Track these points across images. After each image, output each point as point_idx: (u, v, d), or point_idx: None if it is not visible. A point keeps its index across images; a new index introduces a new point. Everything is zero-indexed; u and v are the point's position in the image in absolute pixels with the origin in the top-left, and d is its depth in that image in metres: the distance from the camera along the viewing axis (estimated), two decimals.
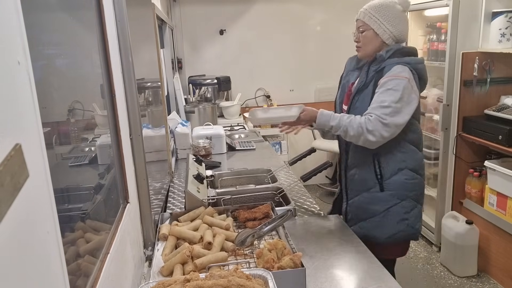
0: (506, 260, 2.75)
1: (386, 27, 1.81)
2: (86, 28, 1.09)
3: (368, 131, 1.69)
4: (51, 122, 0.80)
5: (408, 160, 1.82)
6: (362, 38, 1.86)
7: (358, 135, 1.71)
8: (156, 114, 2.13)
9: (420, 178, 1.88)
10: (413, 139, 1.84)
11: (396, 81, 1.72)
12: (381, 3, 1.83)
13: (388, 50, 1.80)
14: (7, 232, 0.50)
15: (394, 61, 1.78)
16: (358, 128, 1.70)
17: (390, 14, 1.81)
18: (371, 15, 1.83)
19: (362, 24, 1.86)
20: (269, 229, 1.41)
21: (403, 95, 1.71)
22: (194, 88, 4.03)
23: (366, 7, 1.87)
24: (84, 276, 0.85)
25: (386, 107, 1.70)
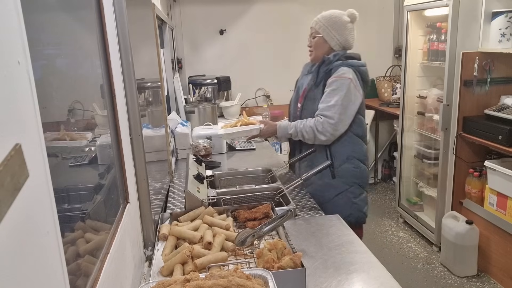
0: (506, 260, 2.75)
1: (334, 34, 2.11)
2: (86, 28, 1.09)
3: (319, 132, 2.01)
4: (51, 122, 0.80)
5: (355, 151, 2.10)
6: (314, 43, 2.17)
7: (312, 137, 2.04)
8: (156, 114, 2.13)
9: (365, 167, 2.15)
10: (358, 132, 2.11)
11: (340, 82, 2.01)
12: (331, 14, 2.14)
13: (335, 54, 2.10)
14: (7, 232, 0.50)
15: (340, 63, 2.06)
16: (310, 131, 2.03)
17: (338, 23, 2.11)
18: (322, 24, 2.13)
19: (314, 31, 2.17)
20: (269, 229, 1.41)
21: (347, 94, 2.00)
22: (194, 88, 4.03)
23: (319, 16, 2.16)
24: (84, 276, 0.85)
25: (332, 106, 2.00)
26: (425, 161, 3.58)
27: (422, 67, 3.60)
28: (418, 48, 3.57)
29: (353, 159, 2.10)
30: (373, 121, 4.61)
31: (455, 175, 3.11)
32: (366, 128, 2.16)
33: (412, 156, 3.78)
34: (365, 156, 2.16)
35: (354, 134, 2.10)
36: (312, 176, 1.95)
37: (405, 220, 3.83)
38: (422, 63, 3.56)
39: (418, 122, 3.64)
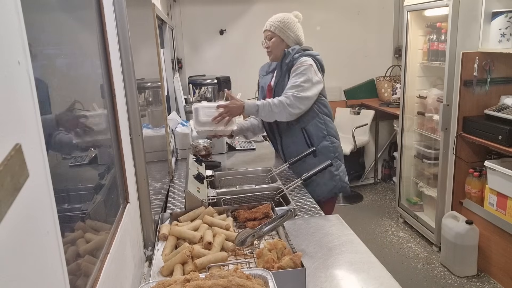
0: (506, 260, 2.75)
1: (289, 33, 2.36)
2: (86, 28, 1.09)
3: (288, 105, 2.18)
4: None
5: (327, 128, 2.36)
6: (271, 44, 2.37)
7: (281, 111, 2.19)
8: (156, 114, 2.13)
9: (338, 142, 2.42)
10: (326, 112, 2.38)
11: (302, 67, 2.24)
12: (282, 15, 2.39)
13: (293, 48, 2.34)
14: (7, 232, 0.50)
15: (299, 55, 2.30)
16: (279, 104, 2.18)
17: (290, 23, 2.38)
18: (277, 25, 2.36)
19: (269, 33, 2.38)
20: (269, 229, 1.41)
21: (310, 76, 2.23)
22: (194, 88, 4.03)
23: (272, 19, 2.39)
24: (84, 276, 0.85)
25: (297, 86, 2.21)
26: (425, 161, 3.58)
27: (422, 67, 3.60)
28: (418, 48, 3.57)
29: (328, 136, 2.37)
30: (373, 121, 4.61)
31: (455, 175, 3.11)
32: (331, 108, 2.43)
33: (412, 156, 3.78)
34: (336, 132, 2.44)
35: (323, 114, 2.36)
36: (312, 176, 1.96)
37: (405, 220, 3.83)
38: (422, 63, 3.56)
39: (418, 122, 3.64)
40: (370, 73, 4.79)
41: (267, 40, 2.39)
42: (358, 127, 4.36)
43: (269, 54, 2.41)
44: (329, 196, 2.39)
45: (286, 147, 2.41)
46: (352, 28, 4.67)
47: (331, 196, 2.40)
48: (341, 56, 4.67)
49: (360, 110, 4.66)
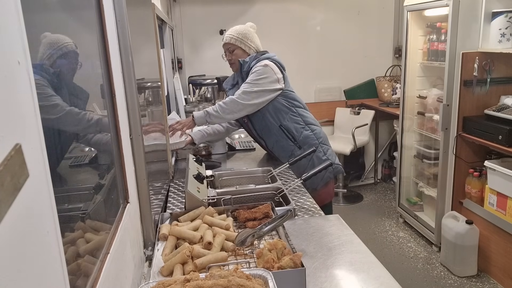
0: (506, 260, 2.75)
1: (249, 43, 2.43)
2: (86, 28, 1.09)
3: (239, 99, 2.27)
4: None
5: (303, 119, 2.42)
6: (234, 56, 2.43)
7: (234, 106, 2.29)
8: (156, 114, 2.13)
9: (319, 128, 2.48)
10: (297, 104, 2.43)
11: (256, 69, 2.33)
12: (240, 27, 2.45)
13: (250, 57, 2.41)
14: (7, 232, 0.50)
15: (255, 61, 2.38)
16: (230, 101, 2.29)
17: (248, 33, 2.44)
18: (237, 38, 2.41)
19: (230, 46, 2.43)
20: (269, 229, 1.41)
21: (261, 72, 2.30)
22: (194, 88, 4.02)
23: (230, 32, 2.44)
24: (84, 276, 0.85)
25: (248, 83, 2.31)
26: (425, 161, 3.58)
27: (422, 67, 3.60)
28: (418, 48, 3.57)
29: (306, 126, 2.42)
30: (373, 121, 4.61)
31: (455, 175, 3.11)
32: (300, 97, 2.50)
33: (412, 156, 3.78)
34: (314, 119, 2.49)
35: (295, 107, 2.42)
36: (312, 176, 1.96)
37: (405, 220, 3.83)
38: (422, 63, 3.56)
39: (418, 122, 3.64)
40: (370, 73, 4.79)
41: (228, 53, 2.46)
42: (358, 127, 4.36)
43: (232, 66, 2.49)
44: (325, 182, 2.42)
45: (271, 147, 2.48)
46: (352, 28, 4.67)
47: (327, 181, 2.43)
48: (341, 56, 4.67)
49: (360, 110, 4.66)
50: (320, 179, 2.38)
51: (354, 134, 4.28)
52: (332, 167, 2.39)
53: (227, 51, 2.47)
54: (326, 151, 2.45)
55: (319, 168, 1.96)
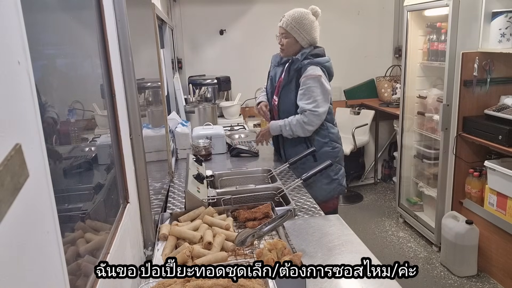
0: (506, 260, 2.75)
1: (304, 35, 2.33)
2: (86, 28, 1.09)
3: (306, 123, 2.31)
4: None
5: (329, 134, 2.43)
6: (286, 43, 2.37)
7: (300, 129, 2.34)
8: (156, 114, 2.13)
9: (340, 146, 2.49)
10: (329, 119, 2.43)
11: (312, 79, 2.29)
12: (300, 15, 2.32)
13: (302, 53, 2.33)
14: (7, 232, 0.50)
15: (307, 62, 2.32)
16: (297, 124, 2.33)
17: (307, 24, 2.32)
18: (292, 26, 2.32)
19: (284, 32, 2.36)
20: (269, 229, 1.41)
21: (321, 88, 2.30)
22: (194, 88, 4.03)
23: (288, 17, 2.34)
24: (84, 276, 0.85)
25: (313, 101, 2.29)
26: (425, 161, 3.58)
27: (422, 67, 3.60)
28: (418, 48, 3.57)
29: (329, 142, 2.43)
30: (373, 121, 4.61)
31: (455, 175, 3.11)
32: (333, 113, 2.53)
33: (412, 156, 3.78)
34: (338, 136, 2.50)
35: (326, 121, 2.42)
36: (312, 176, 1.96)
37: (405, 220, 3.83)
38: (422, 63, 3.56)
39: (418, 122, 3.64)
40: (370, 73, 4.79)
41: (281, 38, 2.38)
42: (358, 127, 4.36)
43: (282, 51, 2.43)
44: (327, 198, 2.45)
45: (287, 149, 2.51)
46: (352, 28, 4.67)
47: (329, 198, 2.46)
48: (341, 56, 4.66)
49: (360, 110, 4.66)
50: (324, 194, 2.42)
51: (354, 134, 4.28)
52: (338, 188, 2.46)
53: (280, 35, 2.39)
54: (338, 171, 2.47)
55: (320, 168, 1.97)
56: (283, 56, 2.44)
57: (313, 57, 2.34)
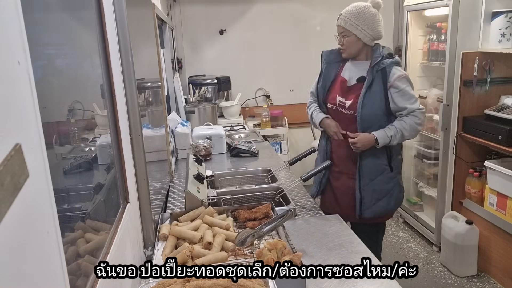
0: (506, 260, 2.75)
1: (366, 31, 2.08)
2: (86, 28, 1.09)
3: (419, 124, 2.10)
4: (51, 122, 0.80)
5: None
6: (346, 42, 2.14)
7: (413, 132, 2.11)
8: (156, 114, 2.13)
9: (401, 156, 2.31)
10: None
11: (404, 79, 2.09)
12: (359, 10, 2.09)
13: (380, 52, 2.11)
14: (7, 232, 0.50)
15: (390, 61, 2.10)
16: (411, 128, 2.08)
17: (368, 18, 2.08)
18: (352, 22, 2.08)
19: (344, 30, 2.12)
20: (269, 229, 1.41)
21: (412, 87, 2.12)
22: (194, 88, 4.03)
23: (346, 14, 2.11)
24: (84, 276, 0.85)
25: (415, 100, 2.10)
26: (425, 161, 3.58)
27: (422, 67, 3.60)
28: (418, 48, 3.57)
29: (400, 150, 2.29)
30: None
31: (455, 175, 3.11)
32: None
33: (412, 156, 3.78)
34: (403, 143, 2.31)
35: None
36: (312, 176, 1.95)
37: (405, 220, 3.83)
38: (422, 63, 3.56)
39: None
40: None
41: (340, 37, 2.16)
42: None
43: (343, 51, 2.18)
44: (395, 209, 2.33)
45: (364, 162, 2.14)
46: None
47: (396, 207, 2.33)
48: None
49: None
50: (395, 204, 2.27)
51: None
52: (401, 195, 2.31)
53: (339, 34, 2.16)
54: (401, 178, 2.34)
55: (320, 167, 1.96)
56: (345, 57, 2.20)
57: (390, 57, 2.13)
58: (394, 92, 2.08)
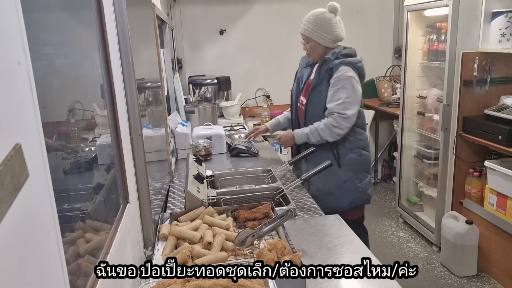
0: (506, 260, 2.75)
1: (325, 36, 2.26)
2: (86, 28, 1.09)
3: (335, 127, 2.21)
4: (51, 122, 0.80)
5: (356, 140, 2.32)
6: (309, 48, 2.33)
7: (328, 134, 2.23)
8: (156, 114, 2.13)
9: (367, 153, 2.38)
10: (358, 123, 2.31)
11: (344, 81, 2.21)
12: (315, 17, 2.27)
13: (333, 53, 2.26)
14: (7, 232, 0.50)
15: (339, 62, 2.24)
16: (325, 129, 2.22)
17: (324, 24, 2.25)
18: (310, 29, 2.27)
19: (305, 38, 2.32)
20: (269, 229, 1.41)
21: (352, 90, 2.20)
22: (194, 88, 4.03)
23: (305, 22, 2.30)
24: (84, 276, 0.85)
25: (342, 103, 2.20)
26: (425, 161, 3.58)
27: (422, 67, 3.60)
28: (418, 48, 3.57)
29: (356, 149, 2.32)
30: (373, 121, 4.61)
31: (455, 175, 3.11)
32: (365, 117, 2.41)
33: (412, 156, 3.78)
34: (366, 143, 2.38)
35: (355, 126, 2.30)
36: (312, 176, 1.96)
37: (405, 220, 3.83)
38: (422, 63, 3.56)
39: (418, 122, 3.64)
40: (370, 73, 4.78)
41: (305, 43, 2.35)
42: None
43: (309, 56, 2.40)
44: (351, 207, 2.33)
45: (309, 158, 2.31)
46: (352, 28, 4.66)
47: (352, 207, 2.34)
48: None
49: None
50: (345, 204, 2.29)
51: None
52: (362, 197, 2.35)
53: (303, 40, 2.36)
54: (363, 179, 2.35)
55: (320, 168, 1.96)
56: (312, 61, 2.39)
57: (344, 57, 2.26)
58: (329, 91, 2.24)
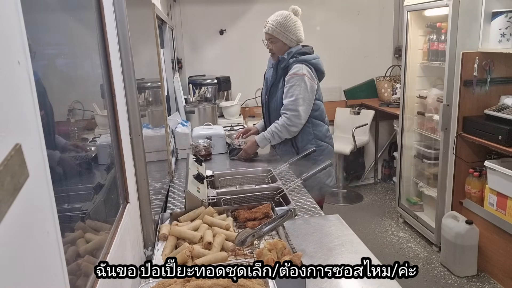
0: (506, 260, 2.75)
1: (291, 37, 2.40)
2: (86, 28, 1.09)
3: (290, 126, 2.37)
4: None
5: (315, 132, 2.45)
6: (274, 47, 2.43)
7: (286, 133, 2.40)
8: (156, 114, 2.13)
9: (326, 145, 2.49)
10: (316, 115, 2.45)
11: (296, 78, 2.34)
12: (283, 18, 2.39)
13: (289, 52, 2.39)
14: (7, 232, 0.50)
15: (293, 60, 2.37)
16: (283, 129, 2.39)
17: (291, 26, 2.39)
18: (278, 30, 2.38)
19: (271, 37, 2.42)
20: (269, 229, 1.41)
21: (304, 87, 2.33)
22: (194, 88, 4.03)
23: (273, 22, 2.39)
24: (84, 276, 0.85)
25: (294, 100, 2.34)
26: (425, 161, 3.58)
27: (422, 67, 3.60)
28: (418, 48, 3.57)
29: (314, 140, 2.45)
30: (373, 121, 4.61)
31: (455, 175, 3.11)
32: (324, 110, 2.52)
33: (412, 156, 3.78)
34: (325, 134, 2.49)
35: (312, 118, 2.44)
36: (312, 176, 1.96)
37: (405, 220, 3.83)
38: (422, 63, 3.56)
39: (418, 122, 3.64)
40: (370, 73, 4.79)
41: (269, 43, 2.44)
42: (358, 127, 4.36)
43: (273, 56, 2.49)
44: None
45: (276, 147, 2.57)
46: (352, 28, 4.67)
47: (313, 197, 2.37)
48: (341, 56, 4.67)
49: (360, 110, 4.66)
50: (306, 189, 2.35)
51: (354, 134, 4.28)
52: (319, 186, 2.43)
53: (267, 40, 2.45)
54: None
55: (320, 168, 1.96)
56: (275, 60, 2.49)
57: (300, 56, 2.39)
58: (285, 87, 2.38)
